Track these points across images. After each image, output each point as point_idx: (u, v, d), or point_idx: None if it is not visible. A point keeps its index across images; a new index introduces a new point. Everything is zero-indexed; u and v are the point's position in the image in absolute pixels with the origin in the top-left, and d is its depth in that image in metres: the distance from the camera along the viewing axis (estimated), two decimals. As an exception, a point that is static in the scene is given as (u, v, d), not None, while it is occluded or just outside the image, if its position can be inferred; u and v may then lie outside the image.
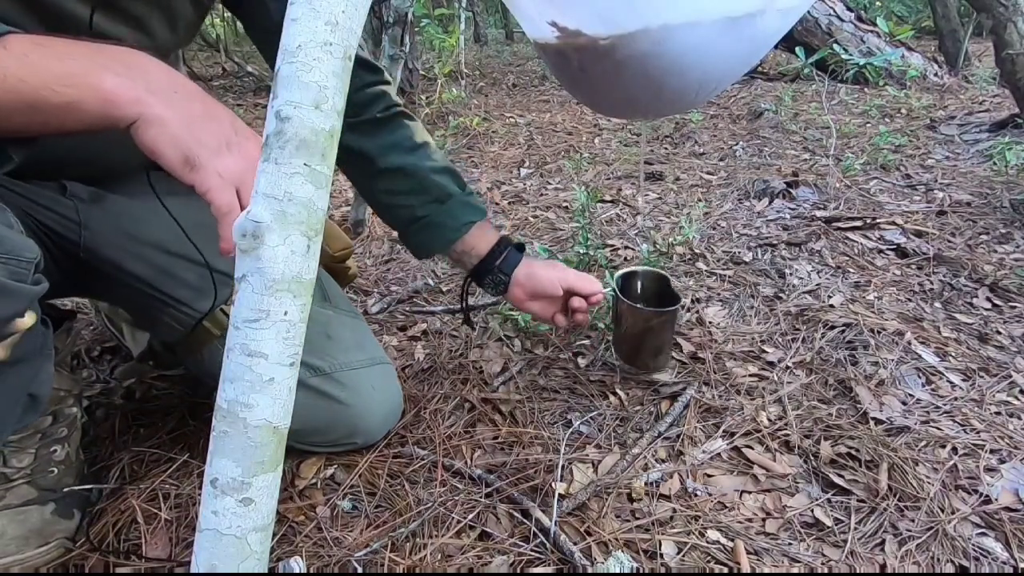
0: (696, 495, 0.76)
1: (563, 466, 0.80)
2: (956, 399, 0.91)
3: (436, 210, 0.86)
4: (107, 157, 0.76)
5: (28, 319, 0.53)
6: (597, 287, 0.89)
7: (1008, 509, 0.73)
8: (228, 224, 0.52)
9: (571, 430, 0.86)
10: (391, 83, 0.89)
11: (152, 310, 0.77)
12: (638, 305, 0.91)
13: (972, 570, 0.66)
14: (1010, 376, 0.95)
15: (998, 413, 0.88)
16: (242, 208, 0.52)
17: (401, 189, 0.86)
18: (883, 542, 0.70)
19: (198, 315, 0.77)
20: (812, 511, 0.74)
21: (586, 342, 1.08)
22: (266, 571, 0.46)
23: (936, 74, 3.19)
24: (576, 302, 0.89)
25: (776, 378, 0.97)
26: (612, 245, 1.48)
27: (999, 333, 1.06)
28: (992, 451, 0.81)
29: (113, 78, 0.49)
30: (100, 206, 0.75)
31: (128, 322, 1.04)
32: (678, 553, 0.69)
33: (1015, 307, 1.14)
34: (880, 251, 1.37)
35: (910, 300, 1.18)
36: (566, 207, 1.74)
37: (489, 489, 0.77)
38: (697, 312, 1.16)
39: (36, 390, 0.62)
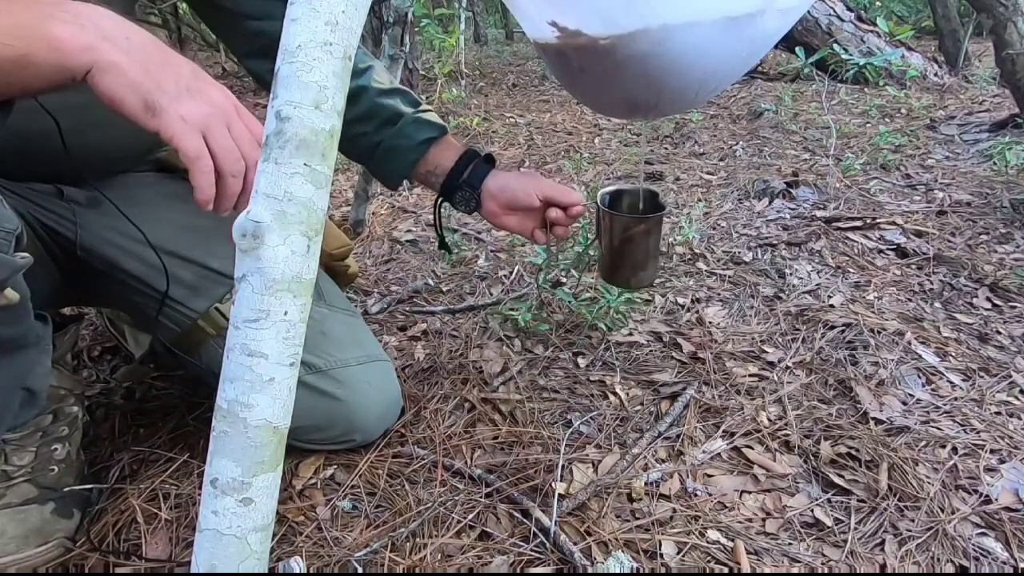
0: (696, 495, 0.76)
1: (563, 466, 0.80)
2: (956, 399, 0.91)
3: (389, 133, 0.83)
4: (107, 158, 0.76)
5: (9, 296, 0.52)
6: (577, 197, 0.83)
7: (1008, 509, 0.73)
8: (199, 171, 0.51)
9: (571, 430, 0.86)
10: None
11: (148, 309, 0.77)
12: (617, 212, 0.85)
13: (972, 570, 0.66)
14: (1010, 376, 0.95)
15: (998, 413, 0.88)
16: (210, 150, 0.51)
17: (350, 117, 0.82)
18: (883, 542, 0.70)
19: (192, 314, 0.77)
20: (812, 511, 0.74)
21: (586, 342, 1.08)
22: (266, 571, 0.46)
23: (936, 74, 3.19)
24: (554, 213, 0.84)
25: (776, 378, 0.97)
26: (612, 245, 1.47)
27: (999, 333, 1.06)
28: (992, 451, 0.81)
29: (61, 26, 0.47)
30: (96, 208, 0.75)
31: (129, 324, 1.04)
32: (678, 553, 0.69)
33: (1015, 307, 1.14)
34: (880, 251, 1.37)
35: (910, 300, 1.18)
36: (566, 207, 1.74)
37: (489, 489, 0.77)
38: (697, 312, 1.16)
39: (33, 384, 0.62)
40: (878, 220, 1.48)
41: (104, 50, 0.48)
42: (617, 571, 0.64)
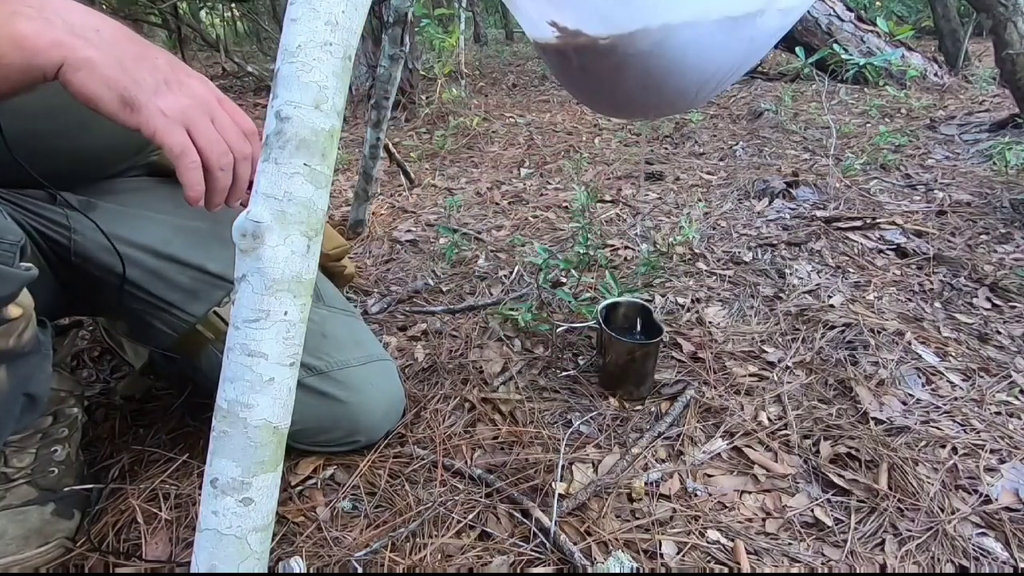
0: (696, 495, 0.76)
1: (563, 466, 0.80)
2: (956, 399, 0.91)
3: None
4: (97, 160, 0.76)
5: (12, 311, 0.51)
6: None
7: (1008, 509, 0.73)
8: (186, 167, 0.49)
9: (571, 430, 0.86)
10: None
11: (145, 316, 0.77)
12: (622, 337, 0.92)
13: (972, 570, 0.66)
14: (1010, 376, 0.95)
15: (998, 413, 0.88)
16: (195, 144, 0.49)
17: None
18: (883, 542, 0.70)
19: (190, 319, 0.76)
20: (812, 511, 0.74)
21: (586, 342, 1.08)
22: (266, 571, 0.46)
23: (936, 74, 3.19)
24: None
25: (776, 378, 0.97)
26: (612, 245, 1.48)
27: (999, 333, 1.06)
28: (992, 451, 0.81)
29: (26, 22, 0.44)
30: (90, 213, 0.74)
31: (126, 335, 1.03)
32: (678, 553, 0.69)
33: (1015, 307, 1.14)
34: (880, 251, 1.37)
35: (910, 300, 1.18)
36: (566, 207, 1.74)
37: (489, 489, 0.77)
38: (697, 312, 1.16)
39: (34, 390, 0.61)
40: (878, 220, 1.48)
41: (74, 46, 0.46)
42: (617, 571, 0.64)
